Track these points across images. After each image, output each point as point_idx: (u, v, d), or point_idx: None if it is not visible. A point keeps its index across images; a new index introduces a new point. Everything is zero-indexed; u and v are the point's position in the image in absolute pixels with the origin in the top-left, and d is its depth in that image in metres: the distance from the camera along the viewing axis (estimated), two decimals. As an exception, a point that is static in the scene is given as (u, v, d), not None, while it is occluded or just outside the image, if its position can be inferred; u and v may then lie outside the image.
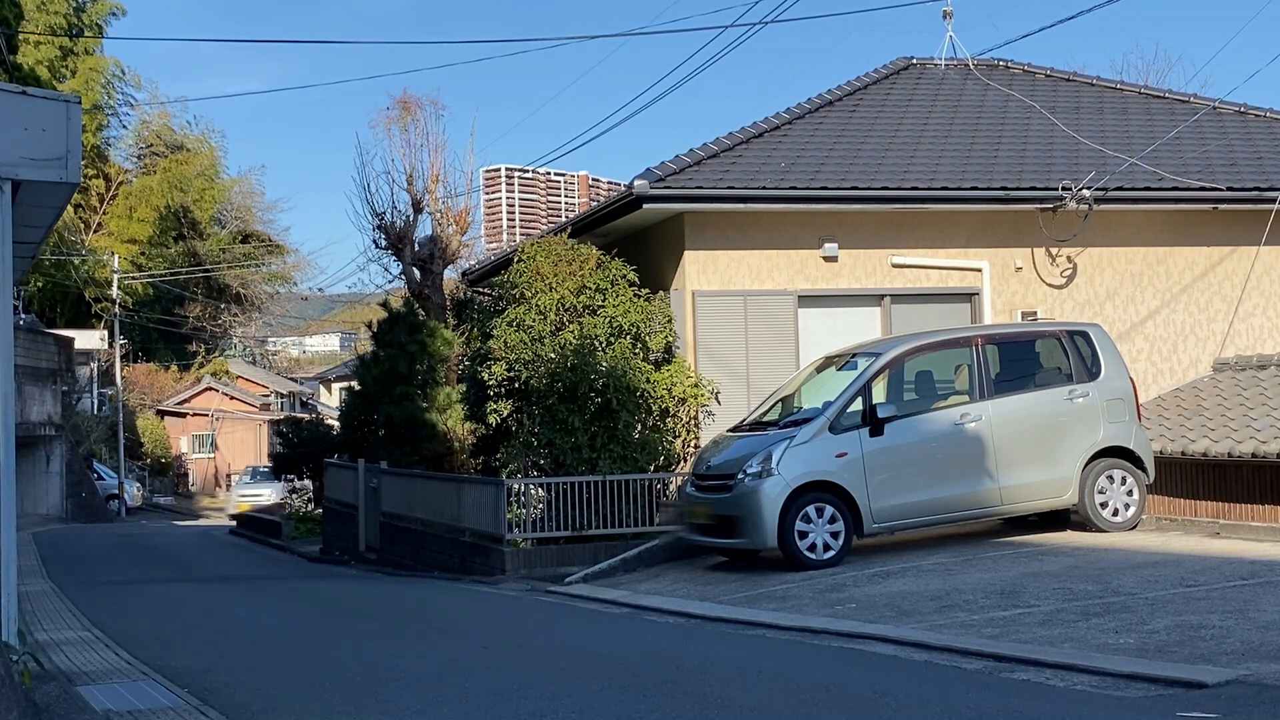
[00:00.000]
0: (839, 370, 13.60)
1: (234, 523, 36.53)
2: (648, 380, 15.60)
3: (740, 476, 12.55)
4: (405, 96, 29.90)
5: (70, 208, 39.09)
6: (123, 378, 49.81)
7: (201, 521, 43.35)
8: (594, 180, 30.96)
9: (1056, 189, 16.57)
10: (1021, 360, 13.80)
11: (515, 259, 16.66)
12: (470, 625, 10.73)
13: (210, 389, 58.54)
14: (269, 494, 40.12)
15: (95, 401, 49.29)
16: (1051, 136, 18.39)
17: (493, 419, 16.36)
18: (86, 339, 45.58)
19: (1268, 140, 18.94)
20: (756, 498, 12.35)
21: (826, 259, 16.51)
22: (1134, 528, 13.28)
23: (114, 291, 48.85)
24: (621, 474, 15.20)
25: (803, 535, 12.34)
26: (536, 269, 16.01)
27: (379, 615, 11.64)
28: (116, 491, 44.71)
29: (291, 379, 71.78)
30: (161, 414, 56.94)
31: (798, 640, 9.03)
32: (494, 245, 29.08)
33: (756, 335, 16.16)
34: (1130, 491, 13.30)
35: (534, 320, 15.76)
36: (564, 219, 24.60)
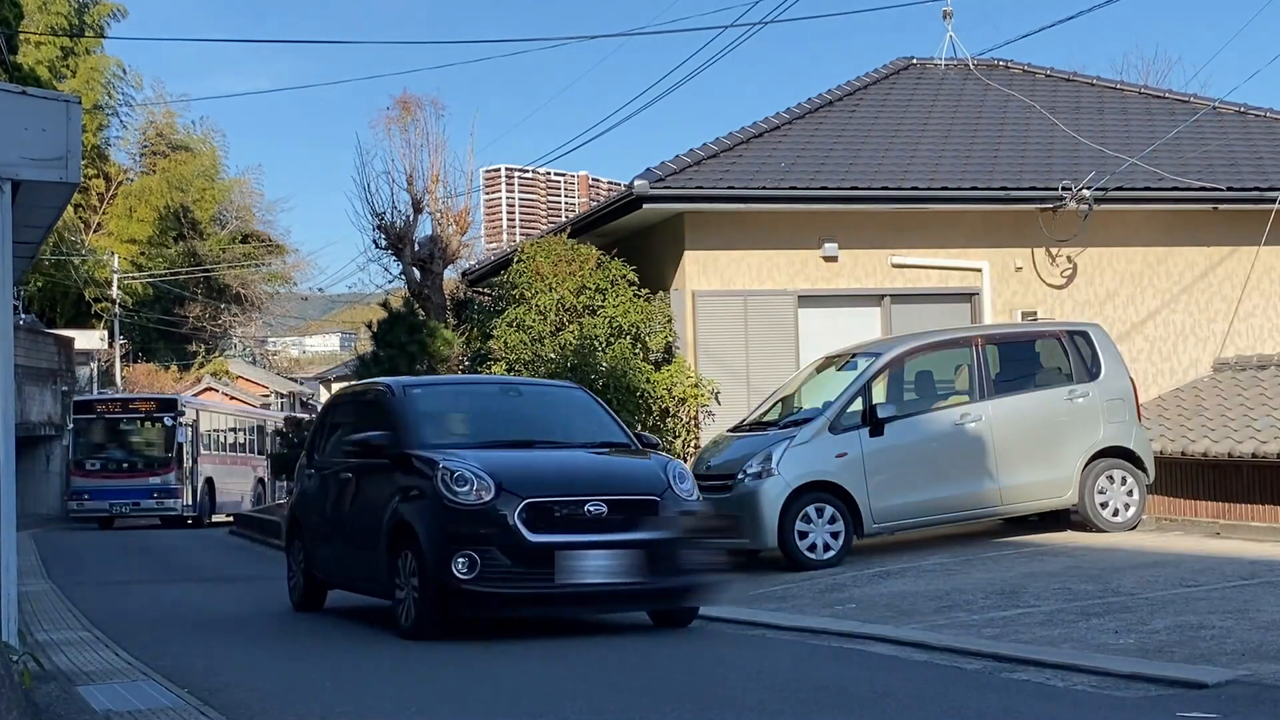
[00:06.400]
0: (839, 370, 13.60)
1: (233, 522, 36.44)
2: (648, 380, 15.59)
3: (740, 477, 12.55)
4: (405, 96, 29.78)
5: (70, 208, 39.06)
6: (123, 378, 49.77)
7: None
8: (594, 180, 30.94)
9: (1056, 189, 16.56)
10: (1021, 360, 13.81)
11: (515, 259, 16.66)
12: (469, 625, 10.70)
13: (210, 389, 58.37)
14: None
15: (95, 401, 49.17)
16: (1051, 136, 18.38)
17: (493, 419, 16.33)
18: (86, 339, 45.45)
19: (1268, 140, 18.93)
20: (756, 498, 12.34)
21: (826, 259, 16.50)
22: (1134, 528, 13.28)
23: (114, 291, 48.79)
24: (621, 474, 15.16)
25: (803, 535, 12.34)
26: (536, 269, 16.01)
27: (379, 614, 11.61)
28: None
29: (291, 379, 71.62)
30: (162, 414, 56.82)
31: (798, 640, 9.03)
32: (494, 245, 29.10)
33: (756, 335, 16.15)
34: (1130, 491, 13.30)
35: (534, 320, 15.75)
36: (564, 219, 24.62)
